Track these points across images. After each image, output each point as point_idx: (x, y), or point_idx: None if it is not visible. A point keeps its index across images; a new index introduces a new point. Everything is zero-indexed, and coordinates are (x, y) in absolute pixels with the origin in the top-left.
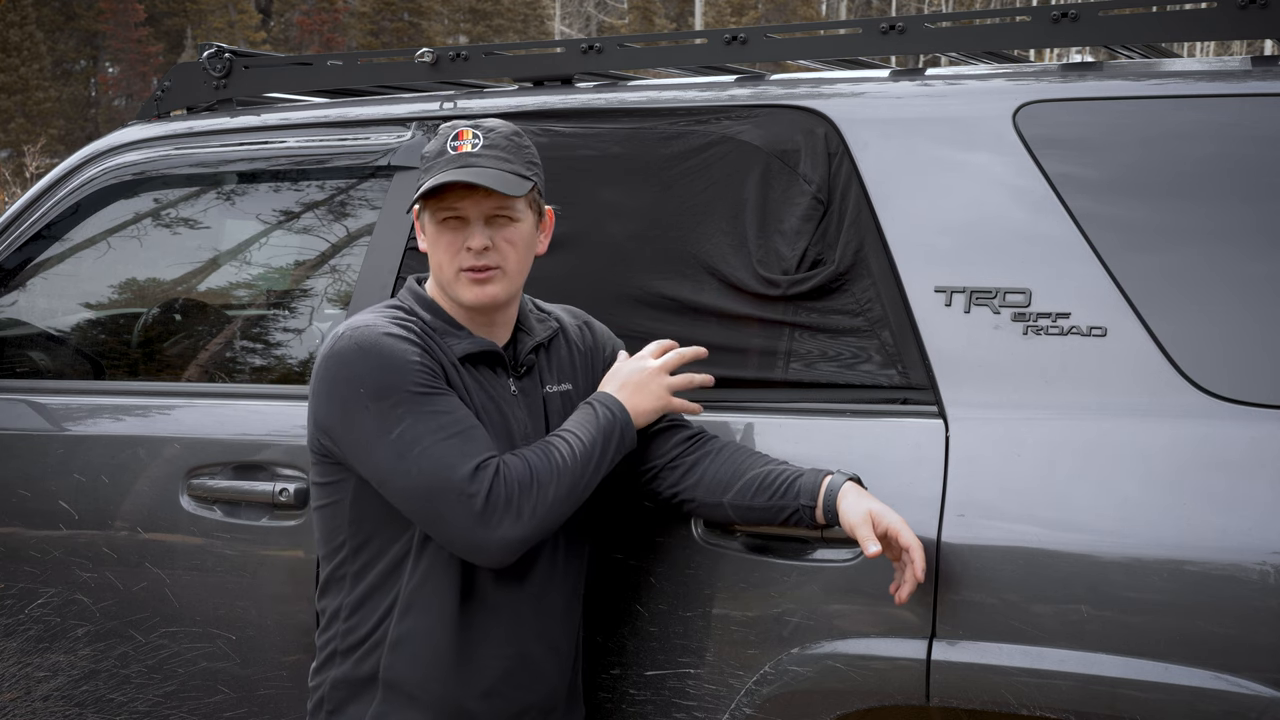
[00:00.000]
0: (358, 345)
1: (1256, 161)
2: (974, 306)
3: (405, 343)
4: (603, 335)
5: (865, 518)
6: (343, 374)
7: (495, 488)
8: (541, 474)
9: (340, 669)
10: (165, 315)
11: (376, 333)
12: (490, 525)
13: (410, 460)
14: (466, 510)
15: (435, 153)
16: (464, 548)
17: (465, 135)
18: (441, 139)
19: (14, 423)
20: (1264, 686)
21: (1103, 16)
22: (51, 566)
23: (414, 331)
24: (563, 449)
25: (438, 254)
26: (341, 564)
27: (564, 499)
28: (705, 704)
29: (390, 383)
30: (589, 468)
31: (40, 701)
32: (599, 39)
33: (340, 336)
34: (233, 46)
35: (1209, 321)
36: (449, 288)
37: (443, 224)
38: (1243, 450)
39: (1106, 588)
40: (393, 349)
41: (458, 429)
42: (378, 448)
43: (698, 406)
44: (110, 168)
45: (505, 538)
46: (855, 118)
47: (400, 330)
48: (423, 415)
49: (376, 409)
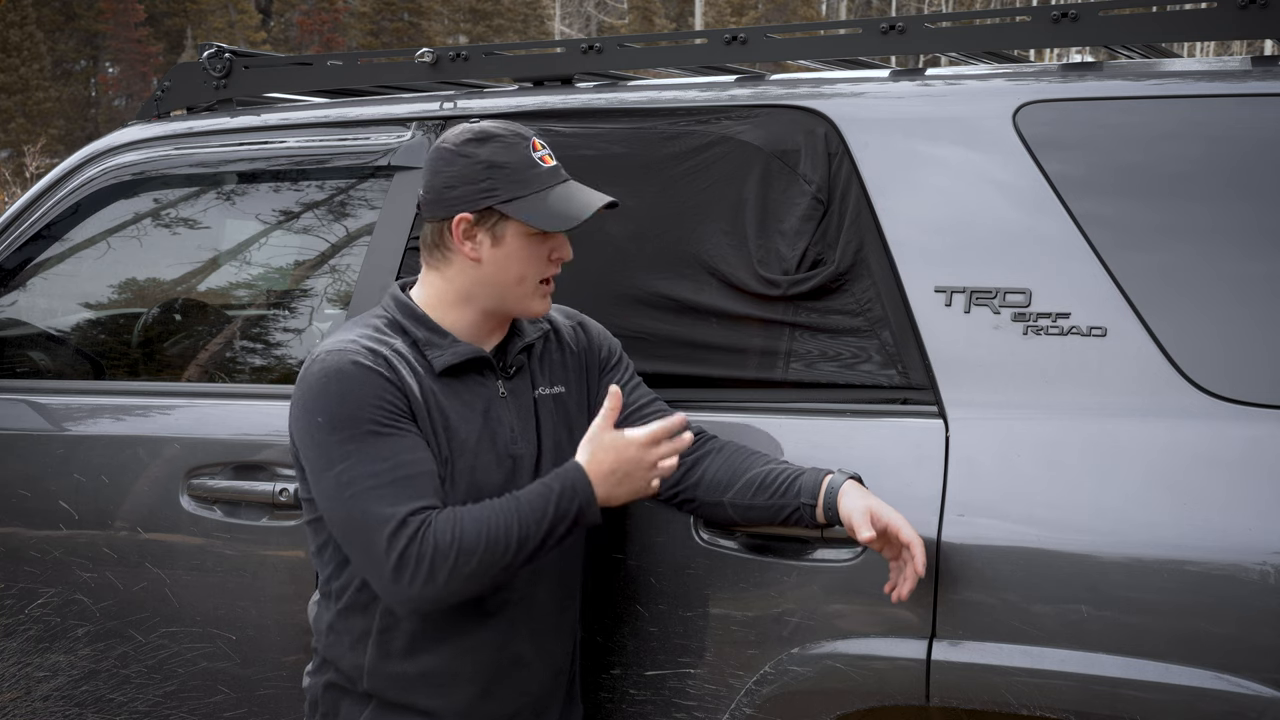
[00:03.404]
0: (324, 373)
1: (1256, 162)
2: (974, 306)
3: (371, 374)
4: (598, 335)
5: (864, 513)
6: (307, 401)
7: (411, 547)
8: (467, 540)
9: (332, 675)
10: (165, 315)
11: (345, 360)
12: (401, 581)
13: (343, 500)
14: (381, 562)
15: (523, 164)
16: (380, 591)
17: (540, 147)
18: (517, 150)
19: (14, 423)
20: (1264, 686)
21: (1103, 16)
22: (51, 566)
23: (385, 358)
24: (502, 519)
25: (522, 266)
26: (327, 580)
27: (489, 569)
28: (705, 704)
29: (345, 416)
30: (524, 550)
31: (40, 701)
32: (599, 39)
33: (315, 359)
34: (233, 46)
35: (1209, 321)
36: (518, 301)
37: (536, 235)
38: (1243, 450)
39: (1106, 588)
40: (355, 381)
41: (395, 475)
42: (322, 479)
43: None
44: (110, 168)
45: (414, 595)
46: (855, 118)
47: (369, 360)
48: (365, 457)
49: (327, 441)
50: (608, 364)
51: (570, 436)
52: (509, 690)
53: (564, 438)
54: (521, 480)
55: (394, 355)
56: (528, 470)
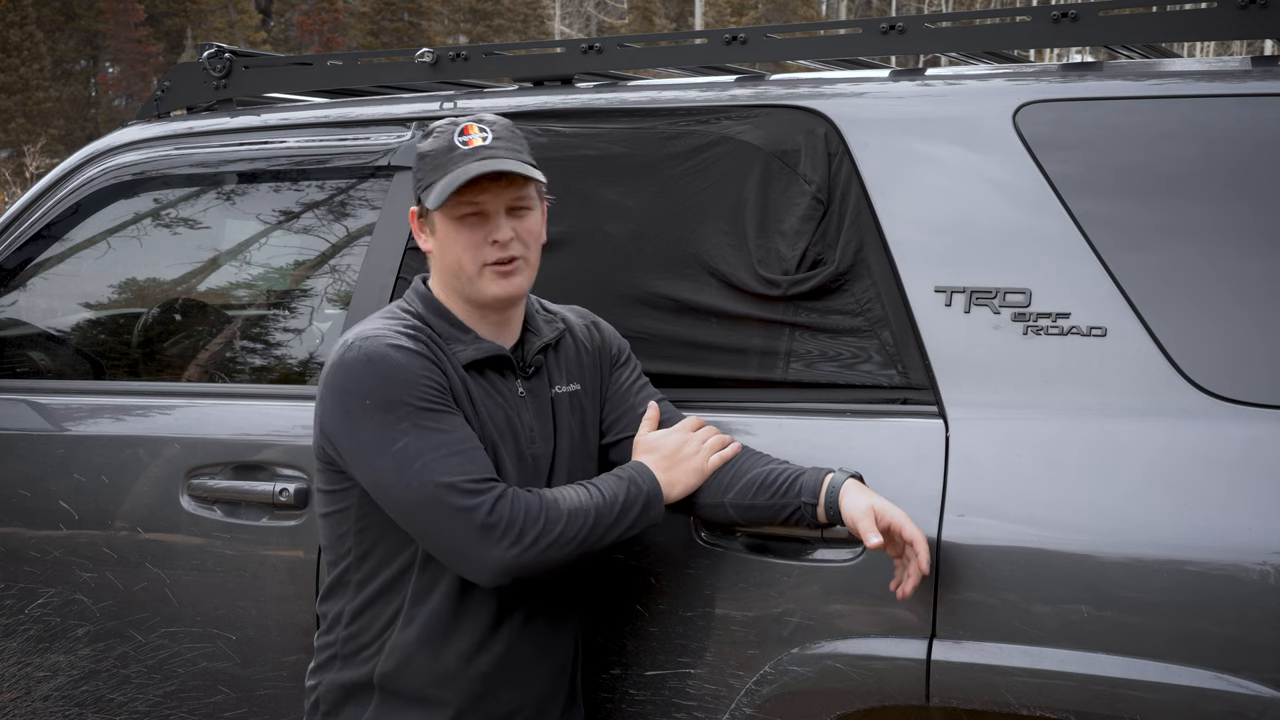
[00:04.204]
0: (365, 356)
1: (1256, 162)
2: (974, 306)
3: (413, 355)
4: (610, 335)
5: (867, 512)
6: (349, 385)
7: (500, 507)
8: (552, 510)
9: (338, 672)
10: (165, 315)
11: (384, 344)
12: (489, 542)
13: (411, 474)
14: (466, 524)
15: (443, 149)
16: (461, 563)
17: (472, 130)
18: (445, 136)
19: (14, 423)
20: (1264, 686)
21: (1103, 16)
22: (51, 566)
23: (423, 342)
24: (581, 499)
25: (456, 252)
26: (346, 570)
27: (571, 542)
28: (705, 704)
29: (395, 396)
30: (600, 527)
31: (40, 701)
32: (599, 39)
33: (349, 346)
34: (233, 46)
35: (1209, 321)
36: (470, 286)
37: (462, 220)
38: (1242, 450)
39: (1106, 588)
40: (399, 362)
41: (460, 448)
42: (379, 460)
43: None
44: (110, 168)
45: (502, 558)
46: (855, 118)
47: (409, 342)
48: (425, 431)
49: (380, 422)
50: (617, 361)
51: (585, 434)
52: (511, 689)
53: (579, 435)
54: (539, 480)
55: (430, 340)
56: (544, 470)
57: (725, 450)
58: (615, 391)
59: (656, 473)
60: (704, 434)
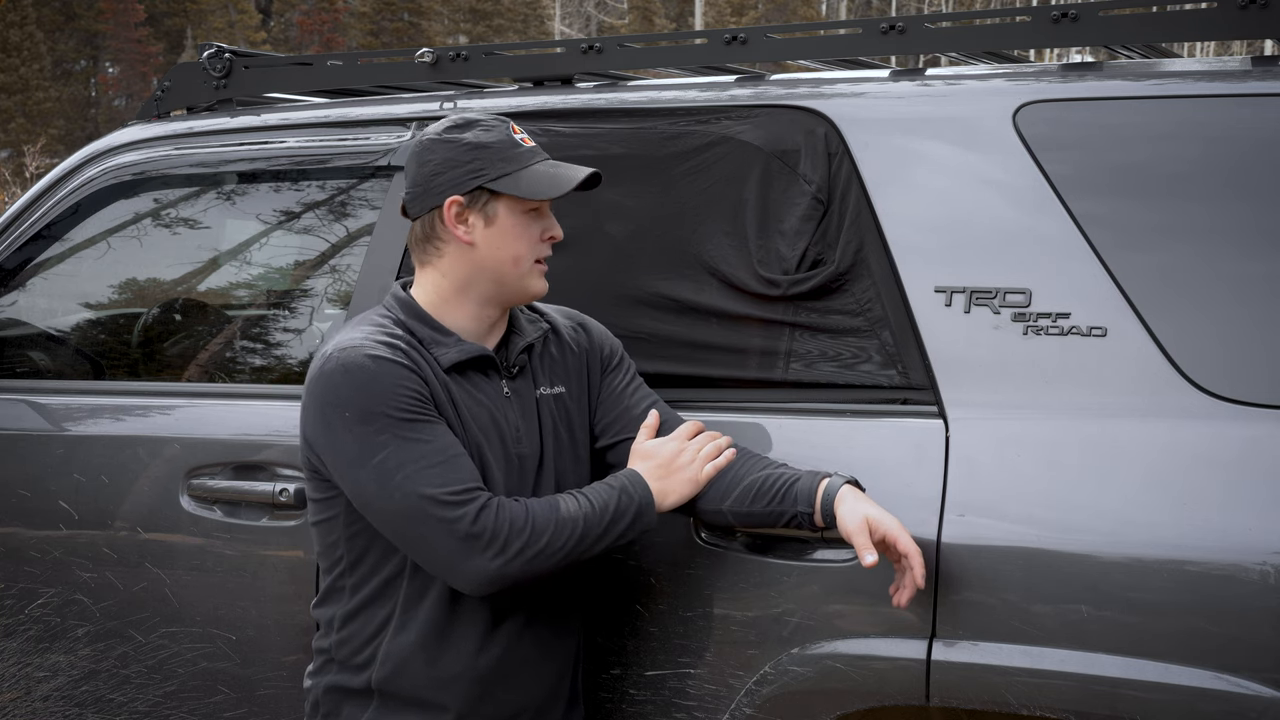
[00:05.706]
0: (343, 367)
1: (1256, 162)
2: (974, 306)
3: (392, 365)
4: (599, 335)
5: (862, 525)
6: (328, 397)
7: (483, 517)
8: (539, 520)
9: (335, 676)
10: (165, 315)
11: (362, 355)
12: (474, 553)
13: (393, 486)
14: (450, 536)
15: (507, 143)
16: (447, 574)
17: (518, 129)
18: (499, 130)
19: (14, 423)
20: (1264, 686)
21: (1103, 16)
22: (51, 566)
23: (402, 350)
24: (569, 508)
25: (516, 245)
26: (340, 576)
27: (559, 552)
28: (705, 704)
29: (374, 408)
30: (589, 537)
31: (40, 701)
32: (599, 39)
33: (328, 358)
34: (233, 46)
35: (1209, 321)
36: (518, 281)
37: (528, 214)
38: (1242, 450)
39: (1106, 588)
40: (377, 372)
41: (441, 458)
42: (361, 473)
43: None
44: (110, 168)
45: (486, 569)
46: (855, 118)
47: (388, 351)
48: (406, 442)
49: (360, 434)
50: (609, 364)
51: (571, 437)
52: (512, 691)
53: (565, 438)
54: (526, 480)
55: (408, 347)
56: (531, 471)
57: (720, 459)
58: (609, 394)
59: (650, 481)
60: (700, 442)
